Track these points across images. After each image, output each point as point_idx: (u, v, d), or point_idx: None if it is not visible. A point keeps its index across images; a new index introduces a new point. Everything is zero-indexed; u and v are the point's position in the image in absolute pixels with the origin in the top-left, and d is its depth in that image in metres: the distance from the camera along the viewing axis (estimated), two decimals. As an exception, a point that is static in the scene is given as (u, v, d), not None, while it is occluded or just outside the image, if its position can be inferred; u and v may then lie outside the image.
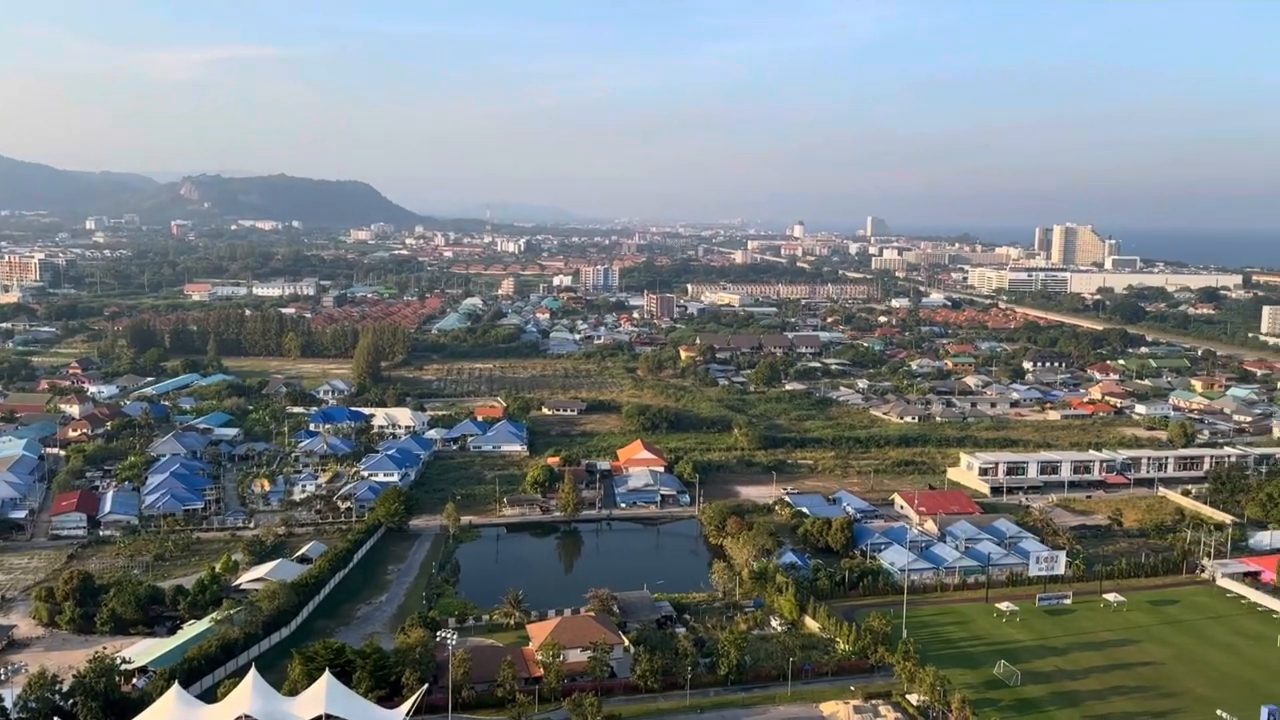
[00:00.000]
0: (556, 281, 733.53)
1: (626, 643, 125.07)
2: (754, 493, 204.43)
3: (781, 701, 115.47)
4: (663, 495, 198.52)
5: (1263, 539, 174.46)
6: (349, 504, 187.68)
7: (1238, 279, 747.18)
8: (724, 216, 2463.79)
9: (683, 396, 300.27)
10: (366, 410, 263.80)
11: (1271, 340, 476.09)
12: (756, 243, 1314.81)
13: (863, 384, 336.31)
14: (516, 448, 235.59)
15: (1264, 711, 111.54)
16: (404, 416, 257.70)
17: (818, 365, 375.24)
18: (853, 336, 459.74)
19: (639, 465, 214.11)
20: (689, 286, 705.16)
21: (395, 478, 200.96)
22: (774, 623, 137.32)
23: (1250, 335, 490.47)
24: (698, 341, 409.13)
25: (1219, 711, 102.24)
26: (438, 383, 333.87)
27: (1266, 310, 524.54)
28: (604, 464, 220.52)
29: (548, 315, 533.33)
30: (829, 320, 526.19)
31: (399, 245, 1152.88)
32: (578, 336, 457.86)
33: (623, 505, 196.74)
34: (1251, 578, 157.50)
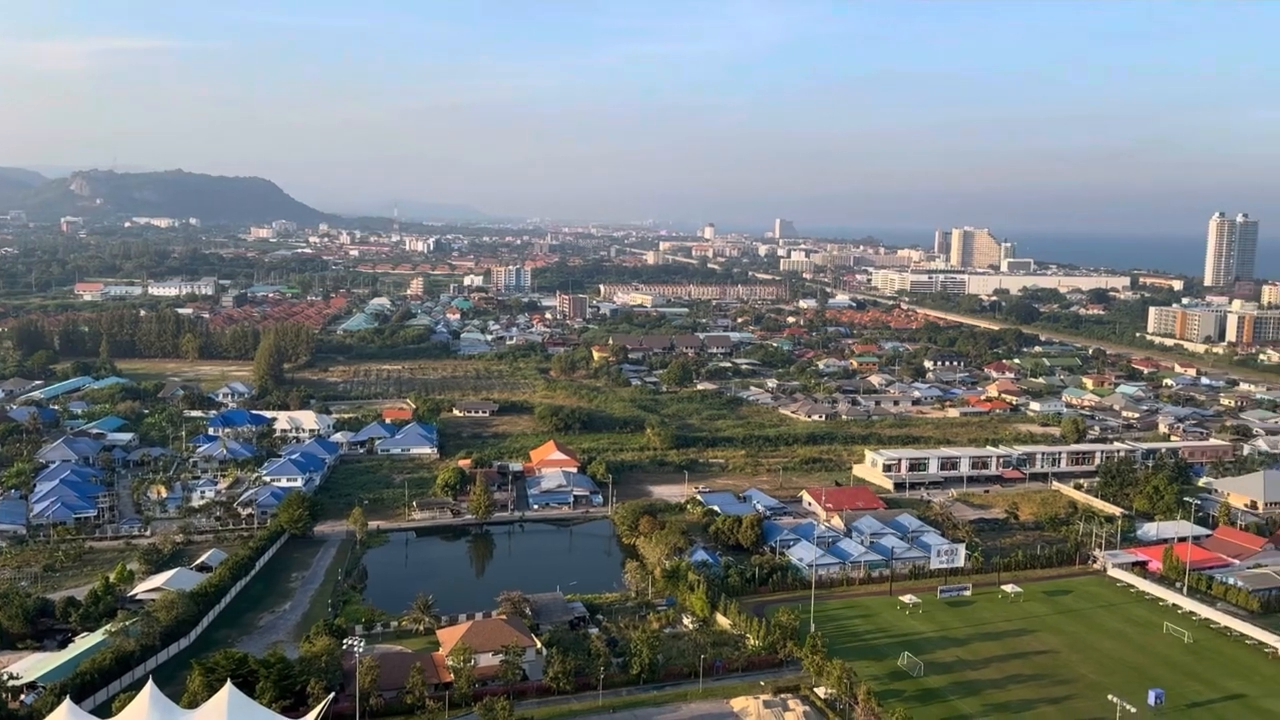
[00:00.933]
0: (467, 282, 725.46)
1: (539, 645, 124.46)
2: (666, 492, 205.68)
3: (693, 699, 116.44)
4: (576, 496, 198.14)
5: (1149, 530, 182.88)
6: (250, 510, 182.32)
7: (1125, 281, 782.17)
8: (636, 217, 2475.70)
9: (596, 397, 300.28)
10: (268, 414, 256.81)
11: (1157, 339, 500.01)
12: (668, 244, 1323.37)
13: (772, 383, 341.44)
14: (426, 450, 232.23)
15: (1151, 695, 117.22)
16: (308, 420, 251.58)
17: (729, 365, 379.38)
18: (762, 337, 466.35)
19: (552, 466, 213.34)
20: (602, 287, 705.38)
21: (299, 483, 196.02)
22: (686, 621, 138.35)
23: (1137, 335, 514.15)
24: (610, 342, 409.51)
25: (1110, 696, 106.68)
26: (344, 385, 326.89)
27: (1152, 311, 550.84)
28: (516, 465, 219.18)
29: (458, 316, 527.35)
30: (739, 321, 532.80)
31: (302, 244, 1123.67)
32: (489, 337, 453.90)
33: (535, 507, 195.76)
34: (1139, 567, 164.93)
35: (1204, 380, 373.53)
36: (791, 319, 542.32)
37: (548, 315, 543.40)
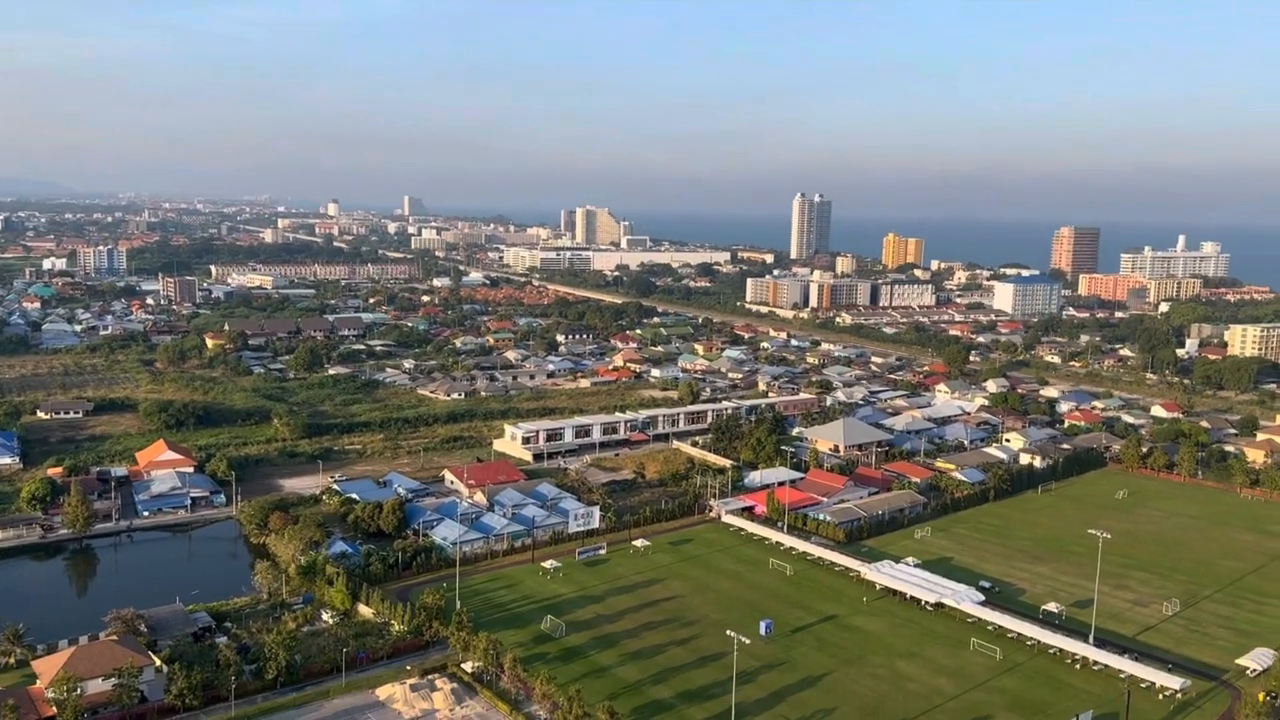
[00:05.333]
0: (48, 265, 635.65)
1: (158, 662, 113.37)
2: (299, 484, 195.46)
3: (336, 694, 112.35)
4: (193, 498, 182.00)
5: (754, 478, 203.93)
6: None
7: (727, 255, 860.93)
8: (249, 192, 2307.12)
9: (212, 389, 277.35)
10: None
11: (754, 307, 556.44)
12: (288, 221, 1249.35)
13: (409, 364, 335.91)
14: (5, 460, 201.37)
15: (762, 625, 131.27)
16: None
17: (362, 348, 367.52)
18: (396, 317, 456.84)
19: (163, 467, 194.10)
20: (213, 268, 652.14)
21: None
22: (326, 616, 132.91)
23: (739, 303, 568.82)
24: (226, 328, 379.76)
25: (728, 631, 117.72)
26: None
27: (750, 282, 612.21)
28: (120, 470, 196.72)
29: (38, 304, 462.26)
30: (371, 301, 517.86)
31: None
32: (79, 328, 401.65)
33: (146, 513, 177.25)
34: (748, 511, 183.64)
35: (793, 342, 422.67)
36: (426, 298, 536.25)
37: (149, 301, 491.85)
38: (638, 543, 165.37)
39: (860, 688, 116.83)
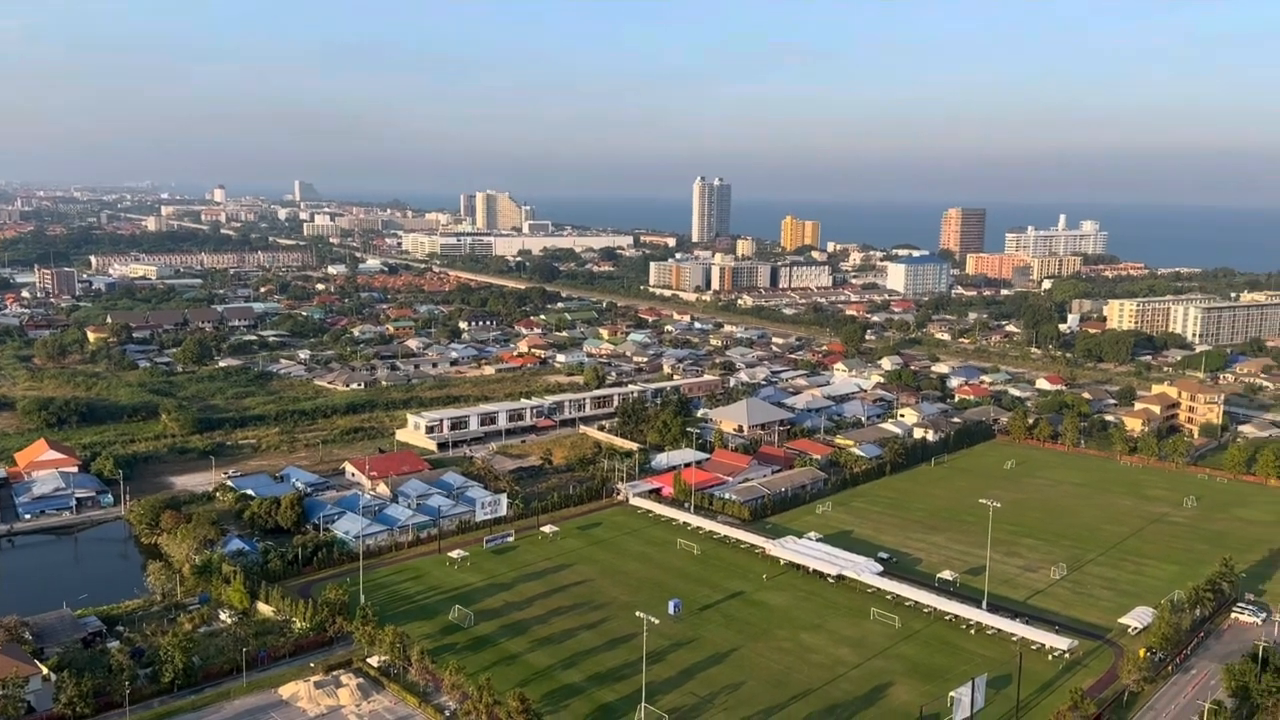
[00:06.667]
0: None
1: (45, 671, 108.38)
2: (191, 481, 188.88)
3: (237, 695, 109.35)
4: (79, 498, 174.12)
5: (661, 460, 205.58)
6: None
7: (629, 240, 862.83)
8: (130, 179, 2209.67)
9: (95, 384, 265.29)
10: None
11: (658, 290, 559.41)
12: (172, 208, 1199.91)
13: (305, 354, 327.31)
14: None
15: (671, 605, 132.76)
16: None
17: (254, 338, 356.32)
18: (290, 306, 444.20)
19: (45, 468, 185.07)
20: (93, 259, 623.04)
21: None
22: (223, 615, 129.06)
23: (642, 287, 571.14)
24: (109, 321, 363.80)
25: (638, 612, 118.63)
26: None
27: (653, 266, 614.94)
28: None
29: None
30: (263, 290, 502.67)
31: None
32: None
33: (27, 516, 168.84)
34: (655, 493, 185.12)
35: (696, 325, 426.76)
36: (321, 286, 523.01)
37: (25, 294, 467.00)
38: (546, 529, 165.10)
39: (766, 661, 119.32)
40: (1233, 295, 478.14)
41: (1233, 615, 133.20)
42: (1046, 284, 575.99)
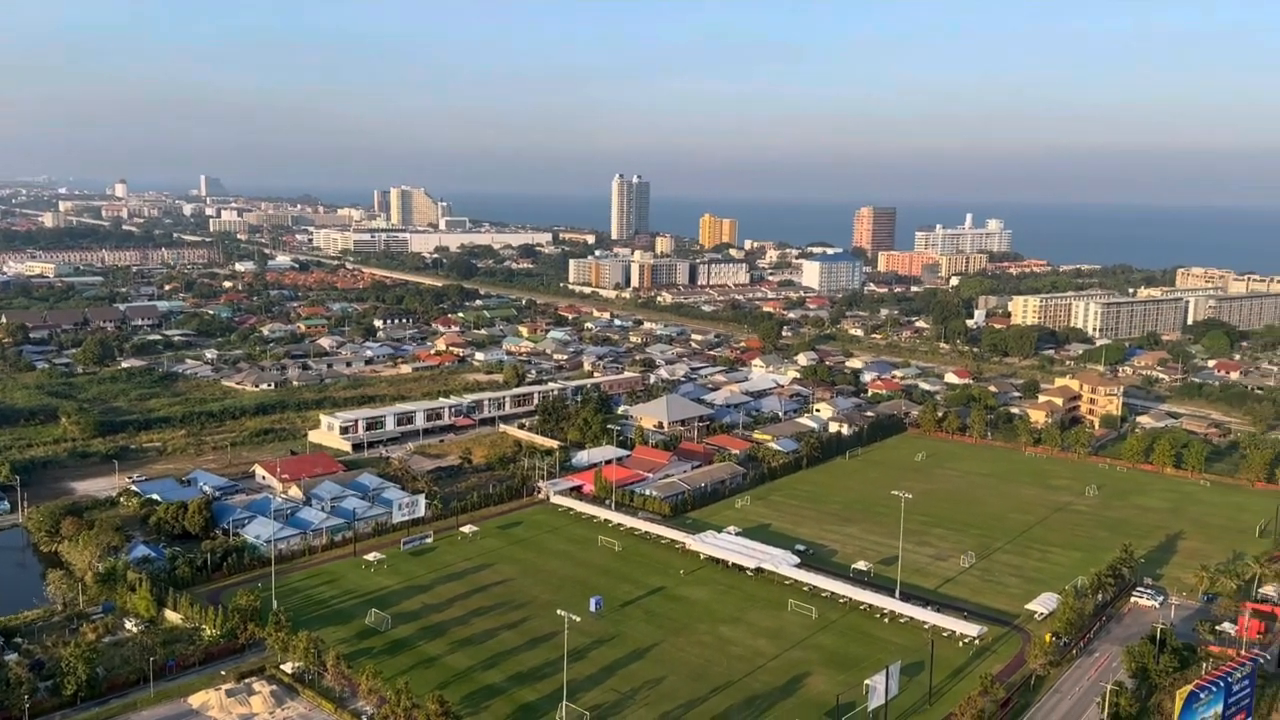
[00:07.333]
0: None
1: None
2: (93, 486, 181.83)
3: (144, 705, 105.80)
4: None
5: (582, 457, 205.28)
6: None
7: (548, 236, 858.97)
8: (25, 173, 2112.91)
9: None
10: None
11: (577, 288, 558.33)
12: (70, 203, 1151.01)
13: (212, 354, 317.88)
14: None
15: (592, 602, 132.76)
16: None
17: (159, 338, 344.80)
18: (196, 304, 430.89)
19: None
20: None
21: None
22: (129, 624, 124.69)
23: (562, 284, 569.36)
24: (4, 320, 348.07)
25: (559, 611, 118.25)
26: None
27: (572, 263, 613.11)
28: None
29: None
30: (168, 288, 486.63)
31: None
32: None
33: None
34: (576, 491, 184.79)
35: (616, 322, 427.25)
36: (228, 283, 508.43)
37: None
38: (466, 529, 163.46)
39: (687, 655, 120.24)
40: (1130, 291, 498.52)
41: (1132, 599, 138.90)
42: (954, 281, 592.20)
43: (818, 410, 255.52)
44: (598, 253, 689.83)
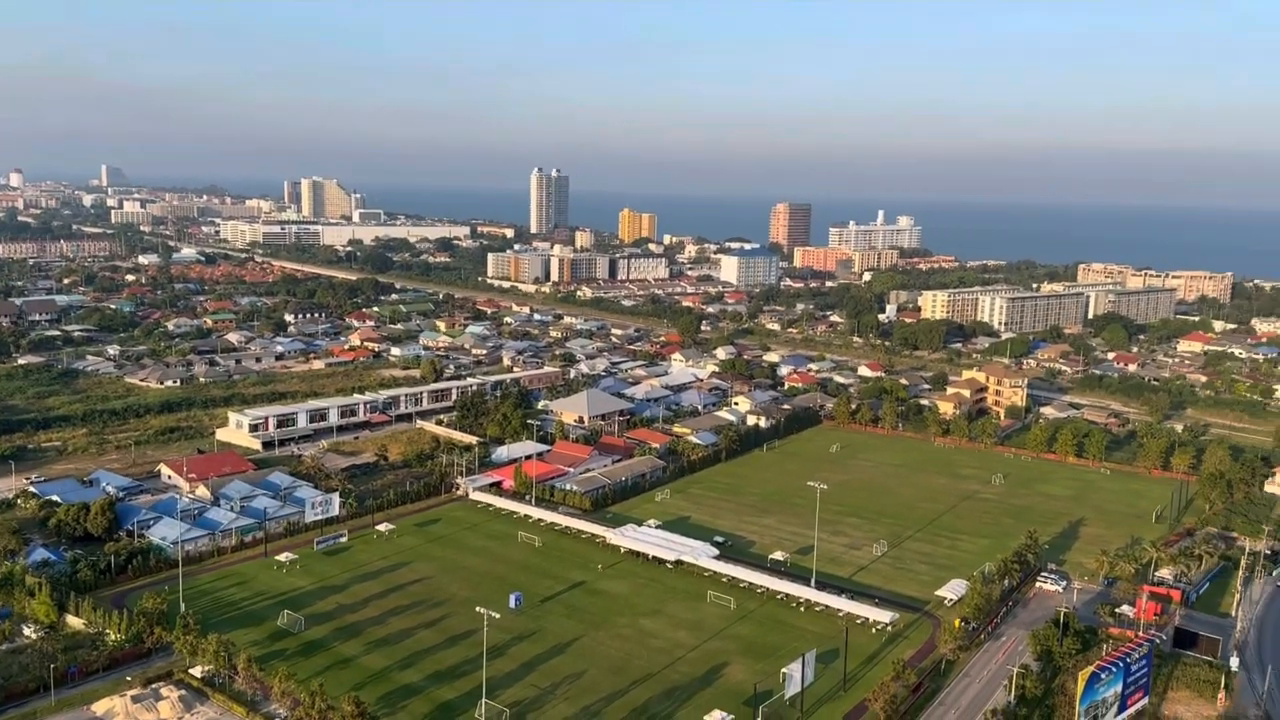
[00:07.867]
0: None
1: None
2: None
3: (45, 714, 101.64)
4: None
5: (501, 453, 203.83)
6: None
7: (466, 230, 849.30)
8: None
9: None
10: None
11: (496, 282, 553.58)
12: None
13: (114, 350, 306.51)
14: None
15: (512, 599, 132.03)
16: None
17: (57, 333, 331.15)
18: (97, 299, 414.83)
19: None
20: None
21: None
22: (28, 630, 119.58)
23: (480, 279, 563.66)
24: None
25: (478, 608, 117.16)
26: None
27: (491, 257, 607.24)
28: None
29: None
30: (66, 281, 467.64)
31: None
32: None
33: None
34: (496, 487, 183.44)
35: (536, 316, 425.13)
36: (131, 277, 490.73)
37: None
38: (382, 527, 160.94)
39: (607, 649, 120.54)
40: (1034, 286, 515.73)
41: (1037, 584, 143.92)
42: (867, 276, 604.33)
43: (736, 403, 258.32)
44: (517, 247, 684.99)
